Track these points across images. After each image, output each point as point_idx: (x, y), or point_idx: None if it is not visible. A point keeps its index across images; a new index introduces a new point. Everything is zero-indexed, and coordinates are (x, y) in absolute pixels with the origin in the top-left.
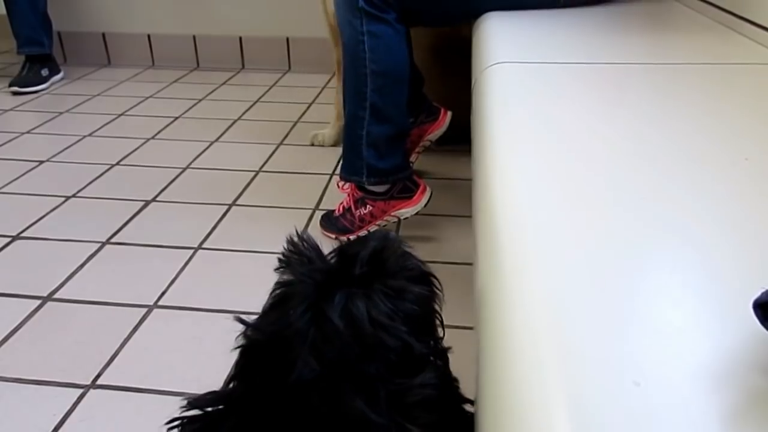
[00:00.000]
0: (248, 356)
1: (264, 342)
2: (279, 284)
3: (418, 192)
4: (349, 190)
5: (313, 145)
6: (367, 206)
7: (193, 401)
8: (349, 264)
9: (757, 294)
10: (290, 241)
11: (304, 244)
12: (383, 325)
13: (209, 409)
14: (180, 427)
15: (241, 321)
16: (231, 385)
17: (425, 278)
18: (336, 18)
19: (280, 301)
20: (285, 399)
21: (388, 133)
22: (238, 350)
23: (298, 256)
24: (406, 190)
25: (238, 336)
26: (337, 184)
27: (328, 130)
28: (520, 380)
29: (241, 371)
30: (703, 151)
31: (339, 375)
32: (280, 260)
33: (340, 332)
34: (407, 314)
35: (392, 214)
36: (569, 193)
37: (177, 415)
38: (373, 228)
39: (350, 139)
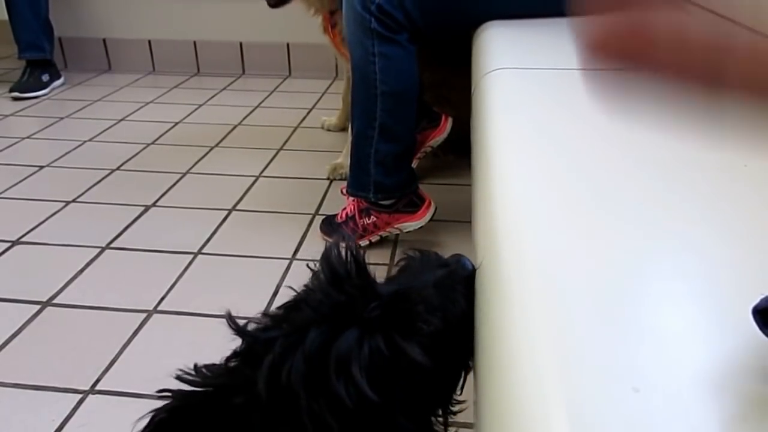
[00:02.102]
0: (244, 350)
1: (254, 346)
2: (302, 291)
3: (423, 207)
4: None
5: (322, 127)
6: (372, 217)
7: (183, 376)
8: (366, 301)
9: (756, 300)
10: (328, 249)
11: (341, 256)
12: (352, 380)
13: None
14: (169, 399)
15: (232, 324)
16: (230, 364)
17: (436, 349)
18: (346, 37)
19: (289, 309)
20: (234, 415)
21: (396, 151)
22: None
23: (326, 271)
24: (411, 205)
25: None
26: (342, 191)
27: (334, 119)
28: (520, 386)
29: (237, 356)
30: (703, 157)
31: (280, 413)
32: (312, 269)
33: (305, 368)
34: (401, 377)
35: (396, 226)
36: (569, 199)
37: (169, 388)
38: (375, 238)
39: (358, 157)
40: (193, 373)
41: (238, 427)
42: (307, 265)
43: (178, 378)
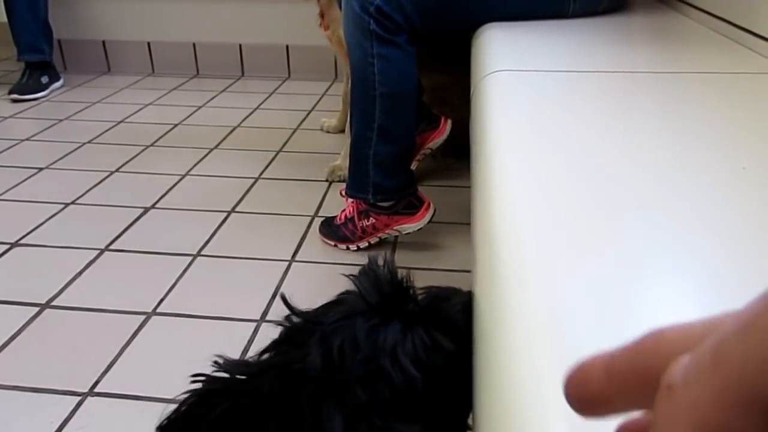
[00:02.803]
0: (284, 337)
1: (299, 329)
2: (342, 292)
3: (423, 209)
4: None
5: (322, 129)
6: (371, 218)
7: (223, 364)
8: (405, 298)
9: None
10: (370, 260)
11: (381, 267)
12: (399, 363)
13: (227, 376)
14: (202, 383)
15: (287, 304)
16: (264, 357)
17: (467, 339)
18: (345, 39)
19: (331, 304)
20: (281, 389)
21: (395, 153)
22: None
23: (370, 274)
24: (410, 206)
25: (284, 317)
26: (341, 192)
27: (334, 121)
28: (518, 388)
29: (273, 347)
30: (701, 160)
31: (331, 387)
32: (354, 274)
33: (356, 349)
34: (435, 367)
35: (394, 228)
36: (568, 201)
37: (204, 372)
38: (374, 240)
39: (357, 158)
40: (228, 362)
41: (268, 412)
42: (342, 274)
43: (214, 363)
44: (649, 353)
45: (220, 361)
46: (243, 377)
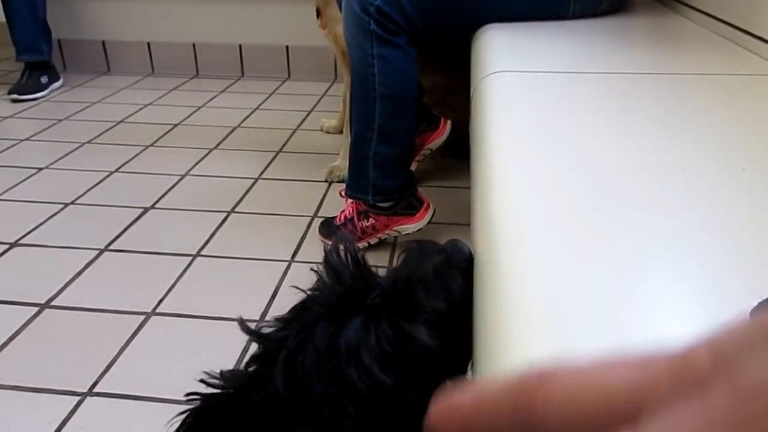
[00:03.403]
0: (260, 352)
1: (269, 347)
2: (306, 295)
3: (422, 209)
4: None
5: (321, 130)
6: (370, 219)
7: (210, 379)
8: (367, 291)
9: (753, 304)
10: (326, 253)
11: (339, 258)
12: (364, 367)
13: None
14: (199, 400)
15: (246, 330)
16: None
17: (442, 329)
18: (345, 40)
19: (300, 309)
20: (255, 413)
21: (395, 154)
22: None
23: (328, 271)
24: (410, 207)
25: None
26: (340, 193)
27: (334, 122)
28: None
29: (253, 361)
30: (701, 161)
31: (299, 406)
32: (315, 271)
33: (319, 363)
34: (410, 359)
35: (394, 228)
36: (568, 202)
37: (198, 390)
38: (374, 240)
39: (357, 159)
40: (216, 376)
41: (259, 425)
42: (311, 269)
43: (202, 381)
44: (534, 397)
45: (207, 378)
46: (233, 390)
